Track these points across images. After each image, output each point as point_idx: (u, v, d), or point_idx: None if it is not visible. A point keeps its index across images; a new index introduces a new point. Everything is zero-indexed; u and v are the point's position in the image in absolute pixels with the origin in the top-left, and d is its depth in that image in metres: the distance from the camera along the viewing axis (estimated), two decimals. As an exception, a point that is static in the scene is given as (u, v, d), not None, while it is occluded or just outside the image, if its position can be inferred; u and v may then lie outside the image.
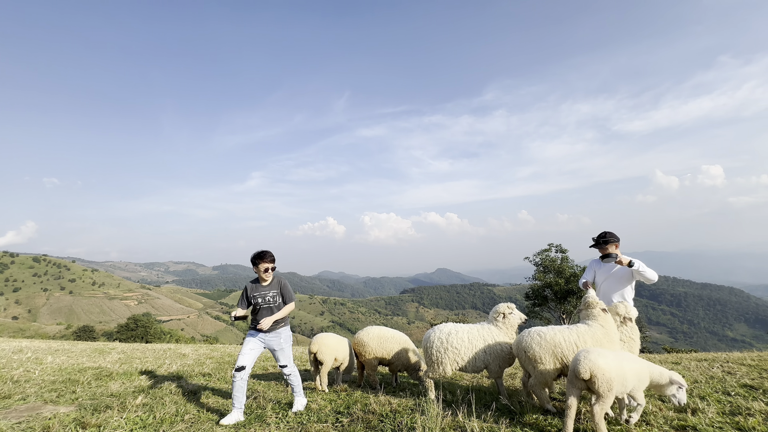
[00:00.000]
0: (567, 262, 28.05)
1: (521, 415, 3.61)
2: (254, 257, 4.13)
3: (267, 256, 4.12)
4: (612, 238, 4.41)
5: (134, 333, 34.16)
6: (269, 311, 4.13)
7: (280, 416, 3.85)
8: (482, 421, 3.51)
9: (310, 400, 4.38)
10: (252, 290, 4.14)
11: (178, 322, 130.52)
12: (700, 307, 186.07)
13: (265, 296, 4.14)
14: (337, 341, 5.23)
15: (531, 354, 3.81)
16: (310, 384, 5.36)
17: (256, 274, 4.20)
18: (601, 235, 4.50)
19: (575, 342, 3.73)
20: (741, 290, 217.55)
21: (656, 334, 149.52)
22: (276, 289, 4.20)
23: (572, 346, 3.71)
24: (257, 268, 4.10)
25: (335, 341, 5.19)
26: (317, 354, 4.99)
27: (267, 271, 4.12)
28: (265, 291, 4.15)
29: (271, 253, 4.19)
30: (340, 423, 3.62)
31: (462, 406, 3.89)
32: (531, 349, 3.82)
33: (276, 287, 4.21)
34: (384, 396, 4.50)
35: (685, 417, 3.67)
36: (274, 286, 4.21)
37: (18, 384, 5.14)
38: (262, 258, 4.10)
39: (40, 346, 10.65)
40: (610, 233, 4.47)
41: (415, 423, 3.36)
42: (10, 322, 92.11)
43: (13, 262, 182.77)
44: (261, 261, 4.09)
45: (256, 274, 4.20)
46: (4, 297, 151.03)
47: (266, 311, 4.12)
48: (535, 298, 28.94)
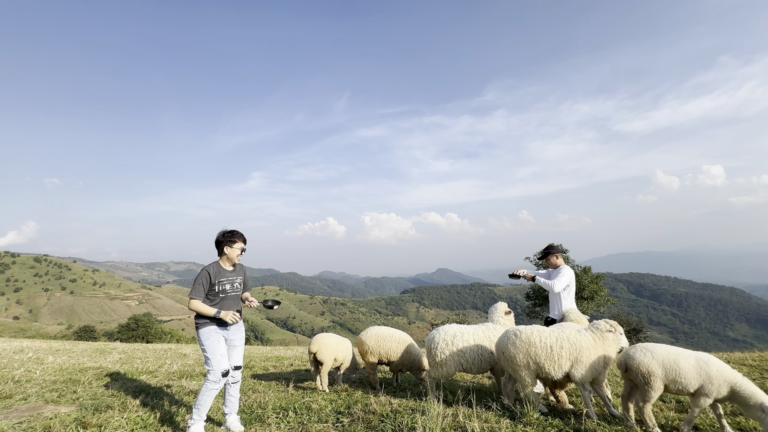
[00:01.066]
0: (568, 262, 28.05)
1: (522, 415, 3.61)
2: (227, 236, 3.55)
3: (241, 235, 3.60)
4: (553, 250, 4.94)
5: (135, 333, 34.18)
6: (236, 301, 3.63)
7: (280, 416, 3.85)
8: (483, 421, 3.51)
9: (310, 400, 4.37)
10: (217, 275, 3.50)
11: (179, 322, 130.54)
12: (701, 307, 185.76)
13: (233, 282, 3.60)
14: (337, 341, 5.23)
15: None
16: (310, 384, 5.37)
17: (236, 258, 3.59)
18: (546, 247, 5.02)
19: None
20: (742, 290, 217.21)
21: (657, 334, 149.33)
22: (242, 276, 3.71)
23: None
24: (230, 248, 3.54)
25: (335, 341, 5.19)
26: (317, 354, 4.99)
27: (241, 254, 3.62)
28: (233, 277, 3.61)
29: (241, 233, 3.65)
30: (341, 423, 3.62)
31: (462, 407, 3.89)
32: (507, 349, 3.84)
33: (242, 273, 3.71)
34: (385, 396, 4.50)
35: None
36: (240, 271, 3.70)
37: (19, 384, 5.15)
38: (238, 236, 3.57)
39: (41, 346, 10.67)
40: (551, 246, 5.02)
41: (415, 423, 3.36)
42: (12, 322, 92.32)
43: (14, 262, 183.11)
44: (237, 240, 3.55)
45: (236, 258, 3.59)
46: (6, 297, 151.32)
47: (233, 301, 3.59)
48: (536, 298, 28.93)
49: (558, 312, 4.76)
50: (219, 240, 3.57)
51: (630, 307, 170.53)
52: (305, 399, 4.43)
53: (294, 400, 4.41)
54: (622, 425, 3.41)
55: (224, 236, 3.56)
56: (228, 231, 3.57)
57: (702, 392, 3.19)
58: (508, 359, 3.81)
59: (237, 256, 3.59)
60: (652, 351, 3.37)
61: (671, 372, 3.24)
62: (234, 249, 3.56)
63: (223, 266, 3.59)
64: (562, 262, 4.93)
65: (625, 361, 3.46)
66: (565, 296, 4.76)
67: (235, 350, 3.63)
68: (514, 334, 3.82)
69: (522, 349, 3.71)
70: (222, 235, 3.57)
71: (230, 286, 3.57)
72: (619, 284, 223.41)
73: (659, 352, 3.35)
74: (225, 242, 3.55)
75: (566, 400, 4.14)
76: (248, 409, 4.09)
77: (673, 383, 3.25)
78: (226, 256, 3.57)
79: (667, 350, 3.36)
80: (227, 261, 3.61)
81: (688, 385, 3.21)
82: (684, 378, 3.21)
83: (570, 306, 4.73)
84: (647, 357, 3.33)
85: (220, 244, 3.56)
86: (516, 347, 3.74)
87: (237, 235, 3.58)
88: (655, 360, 3.30)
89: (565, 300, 4.76)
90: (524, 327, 3.85)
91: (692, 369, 3.22)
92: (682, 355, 3.30)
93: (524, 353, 3.70)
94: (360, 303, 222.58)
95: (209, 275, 3.47)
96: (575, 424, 3.41)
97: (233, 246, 3.56)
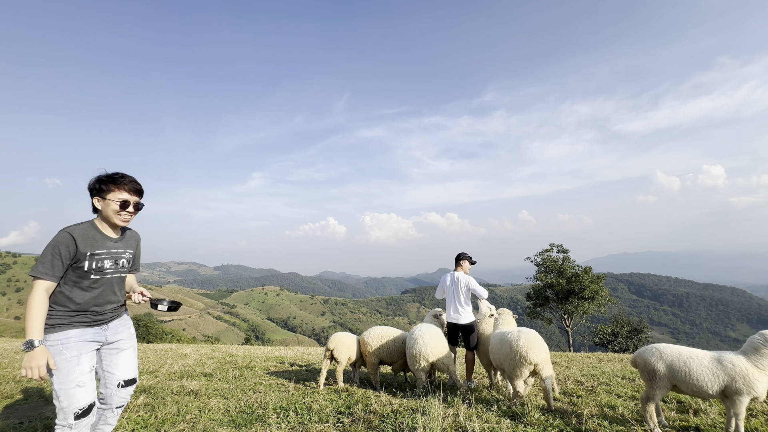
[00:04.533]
0: (568, 262, 28.02)
1: (523, 415, 3.60)
2: (106, 179, 2.17)
3: (127, 180, 2.21)
4: (461, 256, 5.47)
5: (136, 333, 34.18)
6: (119, 288, 2.35)
7: (281, 416, 3.85)
8: (483, 421, 3.50)
9: (311, 400, 4.37)
10: (91, 244, 2.15)
11: (180, 323, 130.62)
12: (702, 307, 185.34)
13: (118, 257, 2.28)
14: (353, 341, 5.40)
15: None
16: (310, 384, 5.37)
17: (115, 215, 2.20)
18: (458, 255, 5.51)
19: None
20: (743, 290, 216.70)
21: (658, 334, 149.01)
22: (133, 249, 2.43)
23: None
24: (103, 200, 2.18)
25: (351, 341, 5.36)
26: (334, 351, 5.18)
27: (129, 211, 2.22)
28: (119, 248, 2.29)
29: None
30: (342, 423, 3.62)
31: (463, 406, 3.89)
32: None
33: (132, 244, 2.43)
34: (385, 396, 4.50)
35: (688, 418, 3.67)
36: (130, 242, 2.40)
37: (20, 384, 5.16)
38: (120, 181, 2.18)
39: (42, 346, 10.65)
40: (460, 253, 5.51)
41: (416, 423, 3.36)
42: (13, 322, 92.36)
43: (15, 262, 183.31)
44: (115, 186, 2.17)
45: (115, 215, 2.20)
46: (7, 297, 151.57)
47: (116, 288, 2.31)
48: (537, 298, 28.92)
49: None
50: (90, 188, 2.19)
51: (631, 307, 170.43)
52: (306, 399, 4.43)
53: (295, 400, 4.41)
54: (622, 425, 3.41)
55: (103, 180, 2.16)
56: (106, 174, 2.18)
57: (730, 392, 3.02)
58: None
59: (116, 213, 2.18)
60: (662, 351, 3.31)
61: (680, 373, 3.15)
62: (109, 202, 2.16)
63: (101, 230, 2.22)
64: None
65: (634, 359, 3.46)
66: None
67: (123, 356, 2.40)
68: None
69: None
70: (102, 179, 2.17)
71: (112, 264, 2.23)
72: (620, 284, 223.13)
73: (669, 352, 3.28)
74: (95, 191, 2.18)
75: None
76: (249, 410, 4.08)
77: (684, 384, 3.15)
78: (102, 213, 2.21)
79: (679, 351, 3.26)
80: (105, 222, 2.23)
81: (705, 387, 3.07)
82: (696, 379, 3.08)
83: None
84: (654, 357, 3.29)
85: (91, 194, 2.19)
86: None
87: (117, 179, 2.17)
88: (663, 360, 3.24)
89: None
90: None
91: (706, 370, 3.08)
92: (695, 357, 3.17)
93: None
94: (361, 303, 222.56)
95: (73, 241, 2.07)
96: (576, 424, 3.41)
97: (106, 197, 2.16)
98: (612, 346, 20.59)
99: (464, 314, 5.21)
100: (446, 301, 5.44)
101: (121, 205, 2.19)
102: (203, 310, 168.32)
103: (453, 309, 5.28)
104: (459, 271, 5.40)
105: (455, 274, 5.39)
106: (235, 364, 7.28)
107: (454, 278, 5.35)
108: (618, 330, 21.46)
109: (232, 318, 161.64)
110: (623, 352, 18.61)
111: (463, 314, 5.21)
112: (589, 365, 7.38)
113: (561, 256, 28.50)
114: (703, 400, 4.05)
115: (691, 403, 4.06)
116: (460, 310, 5.22)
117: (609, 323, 22.86)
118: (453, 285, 5.32)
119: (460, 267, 5.43)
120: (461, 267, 5.42)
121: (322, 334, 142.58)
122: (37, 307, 2.01)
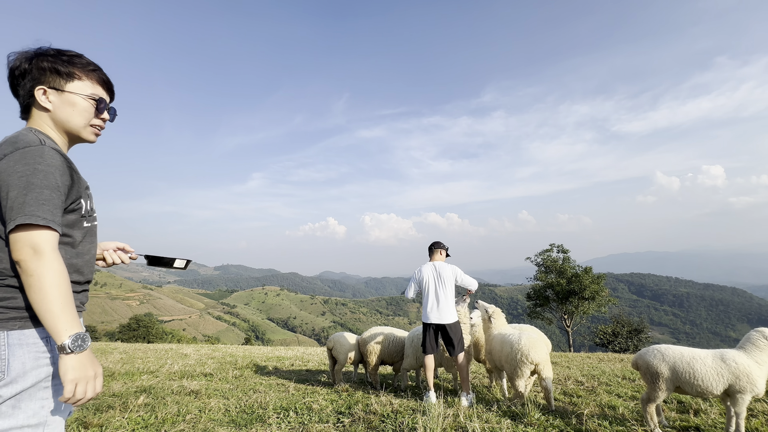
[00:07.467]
0: (568, 262, 28.04)
1: (523, 415, 3.60)
2: (64, 58, 1.29)
3: (98, 66, 1.38)
4: (437, 245, 4.75)
5: (136, 333, 34.21)
6: (94, 236, 1.42)
7: (281, 416, 3.85)
8: (484, 421, 3.50)
9: (311, 400, 4.38)
10: (78, 177, 1.26)
11: (180, 322, 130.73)
12: (702, 307, 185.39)
13: (90, 200, 1.39)
14: (352, 341, 5.46)
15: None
16: (310, 385, 5.38)
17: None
18: (432, 243, 4.81)
19: None
20: (744, 291, 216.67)
21: (658, 335, 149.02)
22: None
23: None
24: (73, 87, 1.30)
25: (351, 340, 5.42)
26: (332, 351, 5.33)
27: (104, 117, 1.42)
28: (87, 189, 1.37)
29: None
30: (342, 423, 3.62)
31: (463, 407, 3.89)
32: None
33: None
34: (386, 396, 4.50)
35: (688, 418, 3.67)
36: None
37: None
38: (93, 66, 1.36)
39: (42, 346, 10.66)
40: (435, 242, 4.79)
41: (416, 423, 3.36)
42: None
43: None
44: (89, 71, 1.34)
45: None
46: None
47: (95, 242, 1.42)
48: (537, 298, 28.94)
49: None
50: (25, 68, 1.28)
51: (631, 307, 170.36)
52: (306, 399, 4.43)
53: (295, 400, 4.41)
54: (622, 425, 3.41)
55: (47, 58, 1.27)
56: (53, 48, 1.30)
57: (734, 391, 3.00)
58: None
59: (87, 119, 1.37)
60: (663, 352, 3.26)
61: (684, 375, 3.10)
62: (75, 99, 1.31)
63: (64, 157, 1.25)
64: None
65: (636, 361, 3.43)
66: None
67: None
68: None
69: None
70: (43, 55, 1.28)
71: (92, 206, 1.41)
72: (621, 284, 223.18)
73: (671, 353, 3.23)
74: (46, 74, 1.28)
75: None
76: (249, 410, 4.09)
77: (689, 386, 3.11)
78: (54, 117, 1.31)
79: (681, 352, 3.22)
80: (58, 134, 1.34)
81: (710, 387, 3.03)
82: (702, 381, 3.04)
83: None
84: (657, 359, 3.25)
85: (33, 80, 1.28)
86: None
87: (79, 62, 1.33)
88: (665, 362, 3.19)
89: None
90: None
91: (710, 371, 3.04)
92: (698, 357, 3.12)
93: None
94: (361, 303, 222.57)
95: (68, 168, 1.21)
96: (576, 424, 3.41)
97: (65, 89, 1.30)
98: (612, 347, 20.61)
99: (452, 311, 4.38)
100: (423, 298, 4.51)
101: (98, 106, 1.35)
102: (203, 310, 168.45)
103: (437, 306, 4.36)
104: (438, 261, 4.63)
105: (435, 264, 4.55)
106: (235, 364, 7.28)
107: (436, 269, 4.50)
108: (618, 330, 21.47)
109: (233, 318, 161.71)
110: (623, 352, 18.61)
111: (451, 312, 4.37)
112: (589, 365, 7.38)
113: (561, 256, 28.54)
114: (703, 401, 4.05)
115: (691, 403, 4.06)
116: (446, 306, 4.35)
117: (609, 323, 22.88)
118: (436, 278, 4.45)
119: (434, 257, 4.67)
120: (436, 257, 4.67)
121: (322, 334, 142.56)
122: (66, 280, 1.15)
